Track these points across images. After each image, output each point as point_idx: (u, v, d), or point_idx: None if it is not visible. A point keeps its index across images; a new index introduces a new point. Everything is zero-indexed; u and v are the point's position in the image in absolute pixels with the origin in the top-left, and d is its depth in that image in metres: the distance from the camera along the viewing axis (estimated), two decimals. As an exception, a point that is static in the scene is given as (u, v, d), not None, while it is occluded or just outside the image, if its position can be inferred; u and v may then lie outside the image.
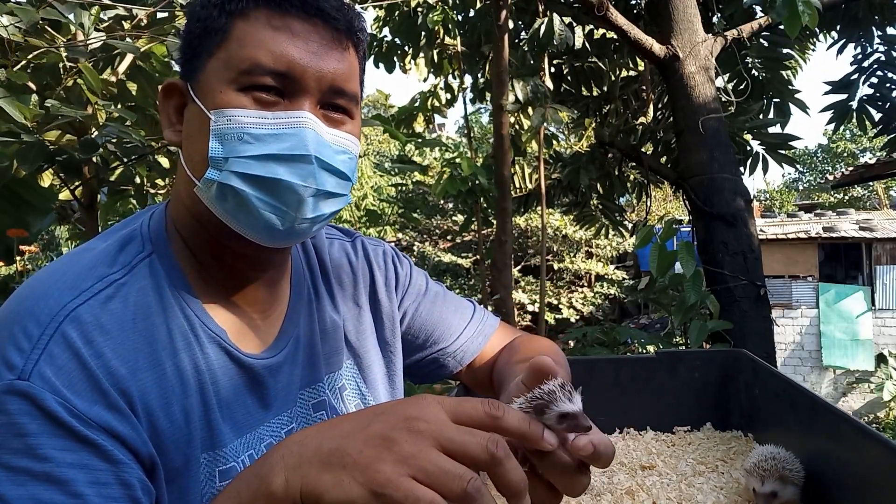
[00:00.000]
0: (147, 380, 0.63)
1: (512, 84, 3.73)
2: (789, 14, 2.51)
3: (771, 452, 0.91)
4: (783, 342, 11.15)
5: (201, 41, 0.68)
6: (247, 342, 0.74)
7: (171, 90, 0.72)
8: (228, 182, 0.65)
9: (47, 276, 0.65)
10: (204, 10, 0.68)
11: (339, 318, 0.86)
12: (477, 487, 0.46)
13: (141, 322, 0.65)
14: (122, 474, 0.57)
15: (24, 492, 0.52)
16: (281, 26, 0.66)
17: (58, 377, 0.57)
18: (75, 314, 0.60)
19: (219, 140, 0.65)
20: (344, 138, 0.71)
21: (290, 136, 0.65)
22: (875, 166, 7.29)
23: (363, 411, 0.54)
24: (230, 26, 0.67)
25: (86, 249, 0.69)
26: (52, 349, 0.58)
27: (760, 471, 0.89)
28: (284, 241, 0.71)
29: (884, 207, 17.87)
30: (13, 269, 3.73)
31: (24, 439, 0.54)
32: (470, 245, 12.82)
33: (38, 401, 0.55)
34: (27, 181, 2.23)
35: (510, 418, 0.51)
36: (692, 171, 3.11)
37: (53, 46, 1.90)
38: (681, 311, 2.78)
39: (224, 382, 0.70)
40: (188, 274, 0.71)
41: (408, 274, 0.96)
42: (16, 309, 0.61)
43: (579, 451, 0.53)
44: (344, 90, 0.70)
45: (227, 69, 0.66)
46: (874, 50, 4.21)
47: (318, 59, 0.67)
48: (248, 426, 0.72)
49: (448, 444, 0.48)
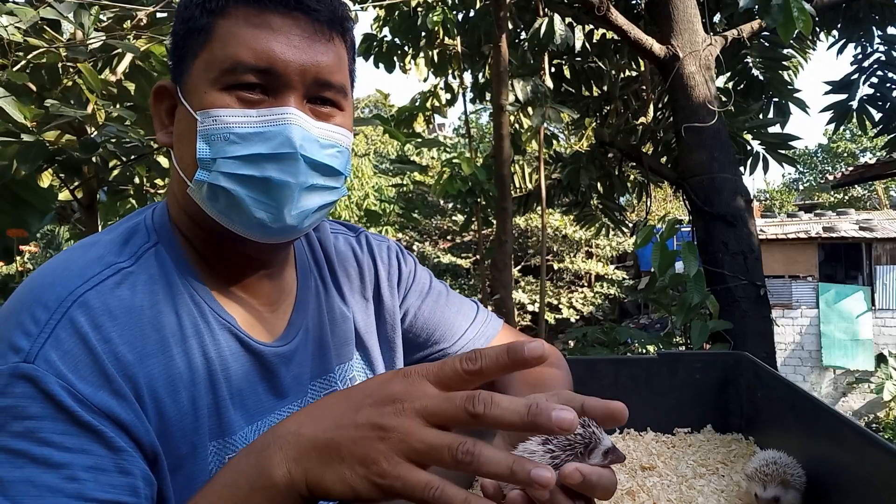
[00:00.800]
0: (155, 366, 0.63)
1: (512, 84, 3.73)
2: (784, 20, 2.51)
3: (772, 457, 0.90)
4: (783, 342, 11.15)
5: (186, 42, 0.68)
6: (256, 332, 0.74)
7: (162, 93, 0.73)
8: (218, 182, 0.65)
9: (55, 266, 0.65)
10: (187, 11, 0.68)
11: (349, 310, 0.86)
12: (467, 450, 0.46)
13: (149, 309, 0.65)
14: (121, 462, 0.57)
15: (21, 474, 0.52)
16: (260, 23, 0.65)
17: (63, 361, 0.57)
18: (83, 299, 0.60)
19: (206, 141, 0.65)
20: (333, 131, 0.70)
21: (275, 134, 0.65)
22: (875, 166, 7.30)
23: (352, 390, 0.54)
24: (212, 26, 0.66)
25: (91, 241, 0.69)
26: (59, 333, 0.58)
27: (762, 475, 0.89)
28: (279, 237, 0.71)
29: (884, 207, 17.87)
30: (13, 269, 3.73)
31: (26, 422, 0.54)
32: (470, 245, 12.82)
33: (41, 384, 0.55)
34: (27, 181, 2.23)
35: (487, 367, 0.50)
36: (692, 171, 3.11)
37: (53, 46, 1.90)
38: (682, 310, 2.78)
39: (235, 369, 0.70)
40: (195, 264, 0.72)
41: (411, 271, 0.95)
42: (24, 296, 0.61)
43: (566, 480, 0.51)
44: (330, 82, 0.69)
45: (210, 69, 0.66)
46: (874, 50, 4.21)
47: (300, 52, 0.66)
48: (259, 413, 0.72)
49: (431, 417, 0.48)
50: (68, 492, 0.53)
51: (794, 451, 0.92)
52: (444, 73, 5.00)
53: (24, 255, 3.79)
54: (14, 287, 3.29)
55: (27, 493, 0.52)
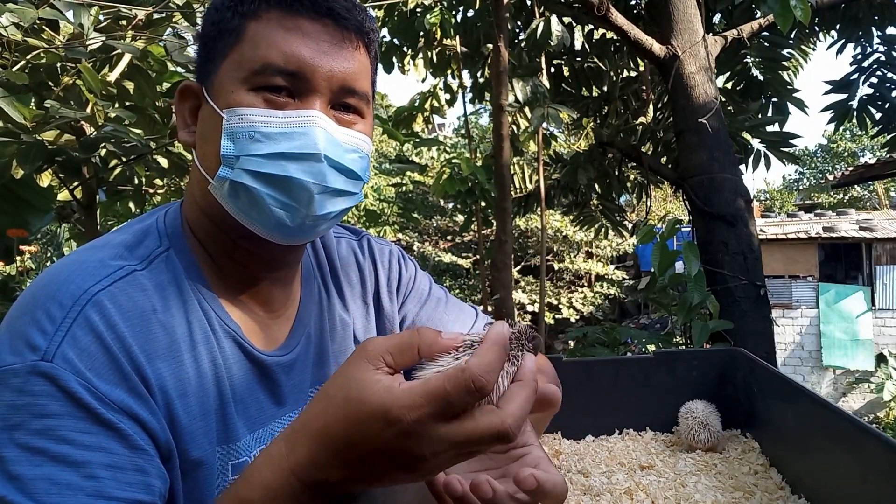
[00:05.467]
0: (165, 370, 0.63)
1: (511, 84, 3.73)
2: (781, 9, 2.50)
3: (690, 409, 1.21)
4: (783, 342, 11.15)
5: (215, 43, 0.69)
6: (259, 340, 0.75)
7: (187, 92, 0.74)
8: (240, 180, 0.66)
9: (67, 265, 0.65)
10: (217, 13, 0.70)
11: (349, 316, 0.87)
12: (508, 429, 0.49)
13: (161, 313, 0.65)
14: (138, 460, 0.57)
15: (40, 472, 0.53)
16: (292, 27, 0.67)
17: (81, 359, 0.57)
18: (97, 298, 0.61)
19: (231, 139, 0.66)
20: (355, 137, 0.71)
21: (300, 135, 0.66)
22: (875, 166, 7.29)
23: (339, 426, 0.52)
24: (243, 28, 0.68)
25: (102, 243, 0.70)
26: (76, 332, 0.58)
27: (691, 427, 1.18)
28: (295, 238, 0.71)
29: (884, 207, 17.87)
30: (13, 269, 3.73)
31: (45, 420, 0.54)
32: (470, 245, 12.82)
33: (61, 382, 0.55)
34: (26, 181, 2.24)
35: (426, 338, 0.53)
36: (692, 171, 3.11)
37: (52, 46, 1.90)
38: (683, 310, 2.78)
39: (239, 377, 0.71)
40: (204, 270, 0.72)
41: (412, 277, 0.96)
42: (37, 294, 0.61)
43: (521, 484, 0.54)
44: (354, 89, 0.70)
45: (239, 70, 0.67)
46: (874, 50, 4.21)
47: (328, 58, 0.68)
48: (261, 421, 0.72)
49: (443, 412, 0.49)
50: (88, 490, 0.54)
51: (791, 442, 0.92)
52: (444, 74, 5.00)
53: (25, 255, 3.79)
54: (14, 287, 3.29)
55: (47, 490, 0.52)
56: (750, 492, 0.94)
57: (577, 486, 0.96)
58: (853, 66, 4.22)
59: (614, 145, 4.19)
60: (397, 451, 0.50)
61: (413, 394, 0.49)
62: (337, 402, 0.52)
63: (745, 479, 0.99)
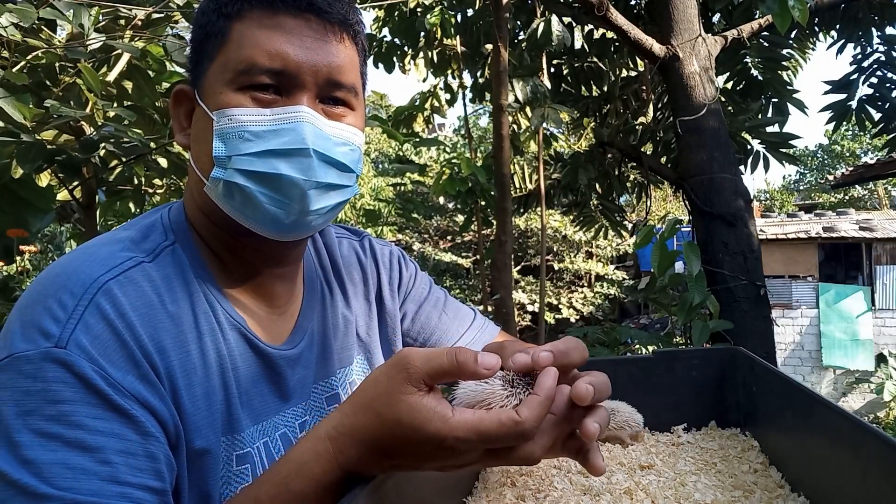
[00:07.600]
0: (172, 359, 0.64)
1: (511, 84, 3.73)
2: (779, 9, 2.50)
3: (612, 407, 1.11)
4: (783, 342, 11.15)
5: (203, 46, 0.70)
6: (264, 334, 0.75)
7: (181, 96, 0.75)
8: (233, 179, 0.67)
9: (75, 257, 0.66)
10: (204, 17, 0.71)
11: (352, 314, 0.88)
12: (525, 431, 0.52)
13: (169, 304, 0.66)
14: (149, 447, 0.58)
15: (55, 457, 0.53)
16: (274, 25, 0.67)
17: (94, 346, 0.58)
18: (107, 287, 0.62)
19: (221, 139, 0.67)
20: (344, 130, 0.71)
21: (287, 131, 0.67)
22: (875, 166, 7.29)
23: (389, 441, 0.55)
24: (228, 30, 0.68)
25: (108, 238, 0.71)
26: (88, 319, 0.59)
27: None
28: (292, 233, 0.72)
29: (884, 207, 17.88)
30: (13, 269, 3.73)
31: (59, 406, 0.55)
32: (470, 245, 12.82)
33: (75, 368, 0.56)
34: (26, 181, 2.23)
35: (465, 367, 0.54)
36: (692, 171, 3.11)
37: (52, 47, 1.90)
38: (683, 310, 2.78)
39: (244, 369, 0.72)
40: (208, 265, 0.73)
41: (412, 277, 0.98)
42: (47, 284, 0.62)
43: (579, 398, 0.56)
44: (341, 82, 0.71)
45: (226, 71, 0.68)
46: (874, 50, 4.20)
47: (312, 53, 0.68)
48: (265, 414, 0.73)
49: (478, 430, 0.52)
50: (102, 475, 0.54)
51: (791, 442, 0.92)
52: (444, 74, 5.00)
53: (25, 255, 3.79)
54: (14, 287, 3.29)
55: (61, 474, 0.53)
56: (750, 490, 0.94)
57: (577, 486, 0.96)
58: (853, 66, 4.22)
59: (614, 145, 4.19)
60: (442, 460, 0.54)
61: (467, 428, 0.52)
62: (389, 423, 0.54)
63: (744, 478, 0.99)
